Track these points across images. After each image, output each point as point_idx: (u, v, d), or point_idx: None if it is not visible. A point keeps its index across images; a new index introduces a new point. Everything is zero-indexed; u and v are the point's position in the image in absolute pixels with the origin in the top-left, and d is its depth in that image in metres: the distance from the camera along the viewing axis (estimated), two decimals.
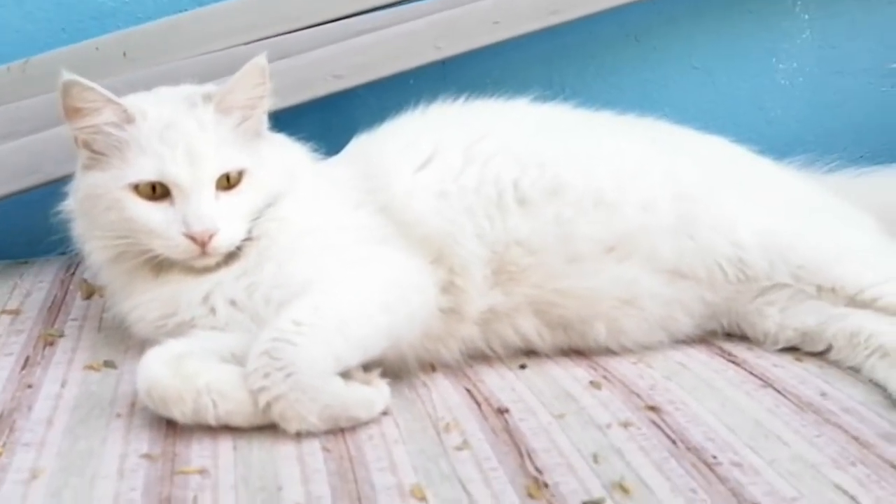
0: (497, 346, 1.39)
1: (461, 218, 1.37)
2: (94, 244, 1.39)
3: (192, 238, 1.30)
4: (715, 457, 1.10)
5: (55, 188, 1.72)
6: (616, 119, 1.59)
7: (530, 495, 1.03)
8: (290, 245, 1.35)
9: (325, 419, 1.17)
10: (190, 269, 1.35)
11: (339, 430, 1.18)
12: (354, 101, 1.98)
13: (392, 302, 1.27)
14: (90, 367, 1.37)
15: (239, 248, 1.35)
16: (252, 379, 1.16)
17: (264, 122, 1.42)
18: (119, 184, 1.32)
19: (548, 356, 1.40)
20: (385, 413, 1.22)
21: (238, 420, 1.18)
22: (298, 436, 1.16)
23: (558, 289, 1.37)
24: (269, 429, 1.17)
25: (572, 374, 1.34)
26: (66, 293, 1.70)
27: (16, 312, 1.60)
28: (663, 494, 1.03)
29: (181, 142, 1.31)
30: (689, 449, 1.12)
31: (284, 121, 1.51)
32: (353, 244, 1.36)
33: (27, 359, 1.41)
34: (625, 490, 1.03)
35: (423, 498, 1.03)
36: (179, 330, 1.33)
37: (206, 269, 1.35)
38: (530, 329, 1.39)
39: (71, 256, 1.82)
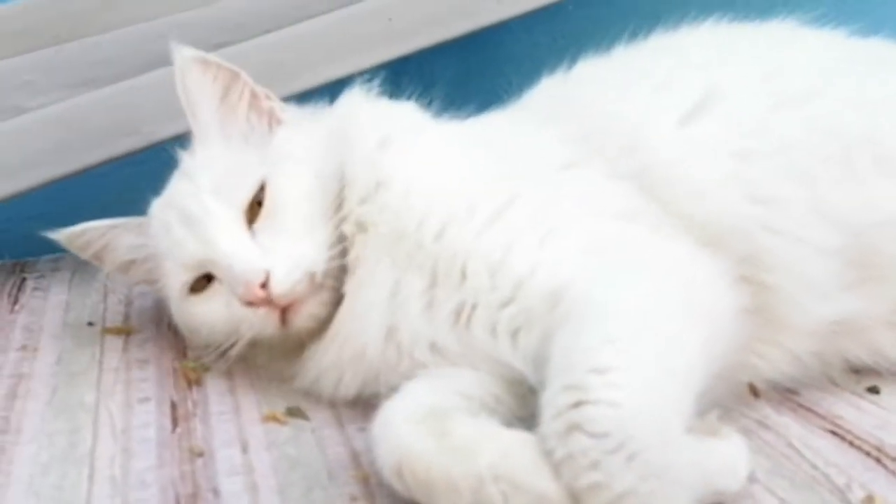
0: (834, 364, 1.00)
1: (783, 186, 0.97)
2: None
3: (250, 302, 0.96)
4: None
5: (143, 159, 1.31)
6: None
7: None
8: (466, 229, 0.93)
9: None
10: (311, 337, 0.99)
11: None
12: (497, 36, 1.56)
13: (692, 304, 0.85)
14: (272, 419, 0.96)
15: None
16: (570, 472, 0.73)
17: (276, 108, 1.07)
18: (177, 294, 1.04)
19: (892, 372, 1.02)
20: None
21: None
22: None
23: None
24: None
25: None
26: None
27: (126, 332, 1.17)
28: None
29: (178, 218, 1.02)
30: None
31: (417, 65, 1.26)
32: (583, 216, 0.94)
33: (173, 407, 0.99)
34: None
35: None
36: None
37: (311, 333, 0.99)
38: (886, 344, 1.00)
39: None
